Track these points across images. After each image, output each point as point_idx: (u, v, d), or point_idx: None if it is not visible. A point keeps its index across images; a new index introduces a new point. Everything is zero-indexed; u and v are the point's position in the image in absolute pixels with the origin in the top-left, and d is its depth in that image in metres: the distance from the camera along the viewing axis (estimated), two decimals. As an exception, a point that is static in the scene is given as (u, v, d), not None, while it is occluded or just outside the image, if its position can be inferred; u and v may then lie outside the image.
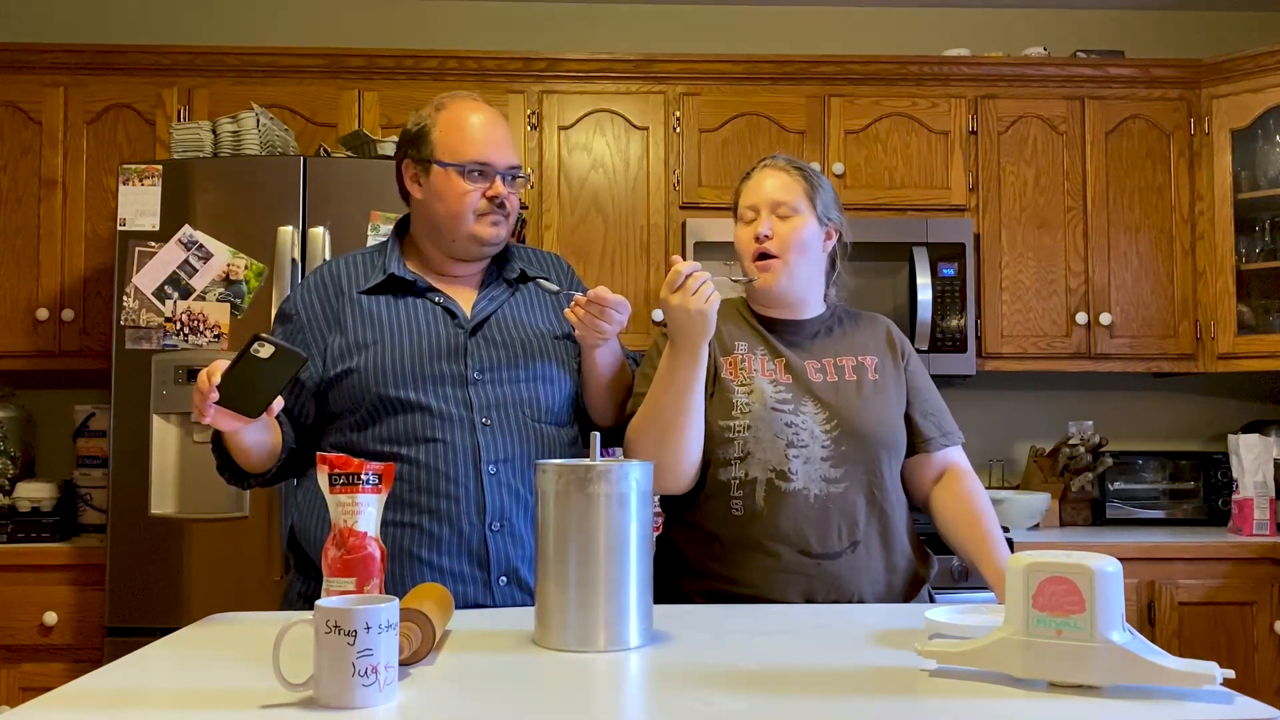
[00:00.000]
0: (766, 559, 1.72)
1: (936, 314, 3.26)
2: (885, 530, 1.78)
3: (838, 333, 1.89)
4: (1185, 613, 3.04)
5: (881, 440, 1.79)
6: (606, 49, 3.60)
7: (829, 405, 1.78)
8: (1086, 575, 1.15)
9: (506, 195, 1.80)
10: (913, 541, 1.84)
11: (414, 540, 1.69)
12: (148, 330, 2.82)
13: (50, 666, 2.88)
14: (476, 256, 1.84)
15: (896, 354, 1.89)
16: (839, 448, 1.75)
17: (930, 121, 3.43)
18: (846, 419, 1.77)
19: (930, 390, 1.90)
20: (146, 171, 2.87)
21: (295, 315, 1.82)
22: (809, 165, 1.90)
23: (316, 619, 1.10)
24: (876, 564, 1.76)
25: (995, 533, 1.77)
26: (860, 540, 1.75)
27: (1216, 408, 3.80)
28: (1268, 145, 3.42)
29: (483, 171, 1.79)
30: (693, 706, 1.11)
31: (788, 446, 1.73)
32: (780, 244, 1.80)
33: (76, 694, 1.16)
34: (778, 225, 1.81)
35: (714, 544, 1.76)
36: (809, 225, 1.82)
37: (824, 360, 1.84)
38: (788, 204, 1.81)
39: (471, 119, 1.81)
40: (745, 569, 1.73)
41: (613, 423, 1.88)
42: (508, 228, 1.83)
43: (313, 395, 1.77)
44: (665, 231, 3.37)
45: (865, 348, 1.87)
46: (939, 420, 1.88)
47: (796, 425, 1.75)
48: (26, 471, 3.37)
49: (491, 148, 1.80)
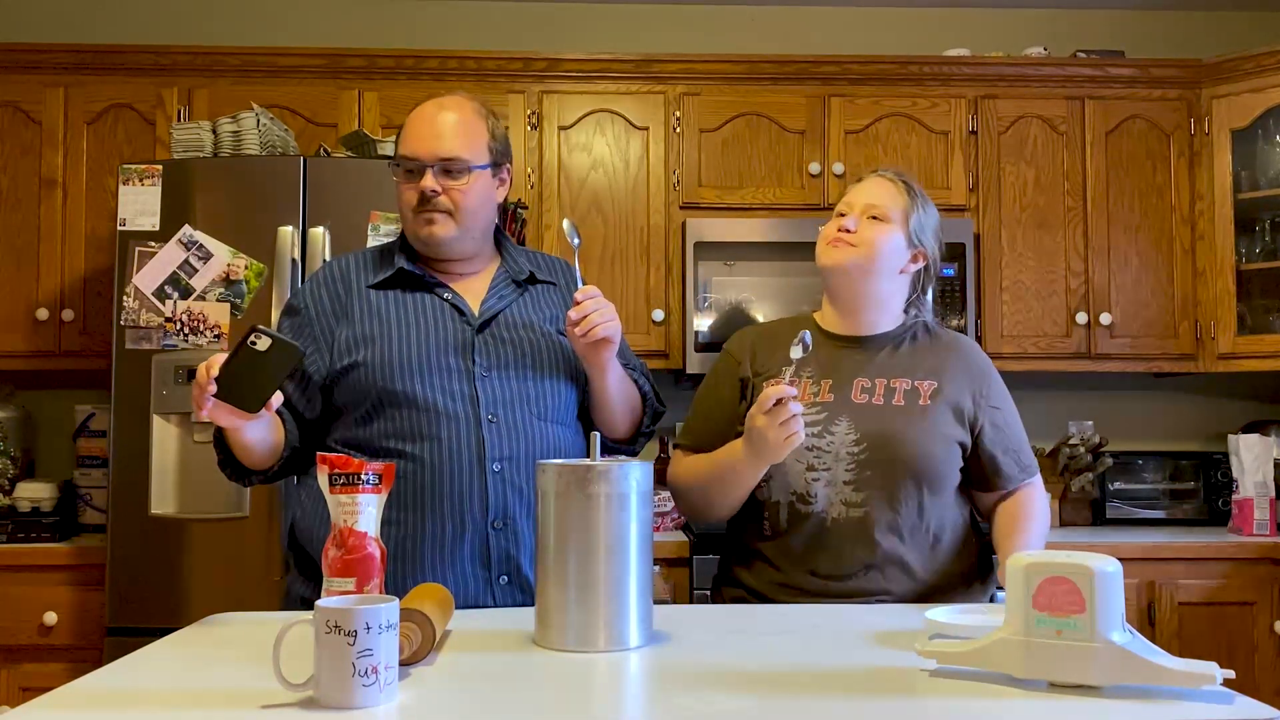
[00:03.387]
0: (776, 574, 1.78)
1: (936, 314, 3.25)
2: (905, 557, 1.74)
3: (905, 352, 1.84)
4: (1185, 613, 3.04)
5: (909, 466, 1.73)
6: (606, 49, 3.60)
7: (862, 427, 1.75)
8: (1086, 575, 1.15)
9: (436, 190, 1.72)
10: (951, 567, 1.78)
11: (416, 538, 1.69)
12: (148, 330, 2.82)
13: (50, 666, 2.88)
14: (439, 256, 1.80)
15: (972, 385, 1.82)
16: (864, 471, 1.73)
17: (930, 121, 3.43)
18: (876, 442, 1.74)
19: (1013, 424, 1.84)
20: (146, 171, 2.87)
21: (303, 309, 1.81)
22: (918, 185, 1.87)
23: (316, 619, 1.10)
24: (895, 588, 1.73)
25: (1026, 538, 1.72)
26: (876, 565, 1.72)
27: (1216, 408, 3.80)
28: (1268, 145, 3.42)
29: (411, 168, 1.75)
30: (693, 706, 1.11)
31: (808, 470, 1.75)
32: (861, 238, 1.79)
33: (76, 694, 1.16)
34: (865, 225, 1.80)
35: (745, 554, 1.84)
36: (894, 236, 1.80)
37: (877, 380, 1.80)
38: (881, 208, 1.80)
39: (417, 115, 1.77)
40: (760, 581, 1.80)
41: (624, 435, 1.88)
42: (455, 227, 1.76)
43: (319, 389, 1.77)
44: (665, 231, 3.37)
45: (929, 371, 1.81)
46: (1019, 455, 1.83)
47: (820, 448, 1.75)
48: (26, 471, 3.37)
49: (419, 141, 1.74)
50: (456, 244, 1.79)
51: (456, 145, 1.74)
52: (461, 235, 1.78)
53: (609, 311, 1.71)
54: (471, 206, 1.76)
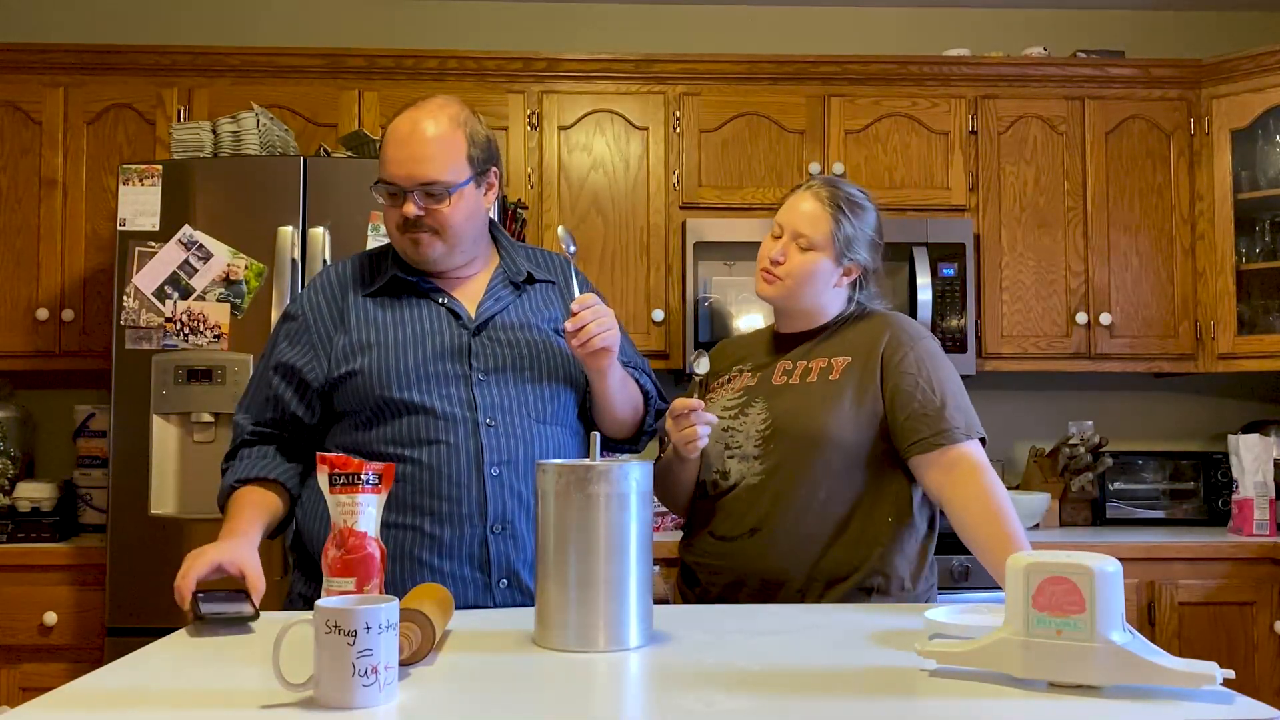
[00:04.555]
0: (688, 537, 1.95)
1: (936, 314, 3.26)
2: (798, 529, 1.79)
3: (834, 336, 1.92)
4: (1185, 613, 3.04)
5: (807, 439, 1.80)
6: (606, 49, 3.60)
7: (771, 407, 1.86)
8: (1086, 575, 1.15)
9: (419, 214, 1.71)
10: (862, 552, 1.79)
11: (415, 543, 1.68)
12: (148, 330, 2.82)
13: (50, 666, 2.88)
14: (430, 270, 1.80)
15: (886, 355, 1.84)
16: (768, 445, 1.83)
17: (930, 121, 3.43)
18: (778, 418, 1.84)
19: (928, 388, 1.79)
20: (146, 171, 2.87)
21: (300, 316, 1.82)
22: (851, 199, 1.89)
23: (316, 619, 1.10)
24: (785, 562, 1.79)
25: (1006, 532, 1.68)
26: (762, 530, 1.80)
27: (1216, 408, 3.80)
28: (1268, 145, 3.42)
29: (392, 192, 1.74)
30: (693, 706, 1.11)
31: (725, 449, 1.88)
32: (787, 270, 1.88)
33: (76, 694, 1.16)
34: (793, 253, 1.88)
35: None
36: (820, 264, 1.87)
37: (799, 364, 1.90)
38: (808, 237, 1.86)
39: (394, 133, 1.74)
40: (683, 547, 1.97)
41: (626, 435, 1.90)
42: (442, 246, 1.75)
43: (318, 395, 1.77)
44: (665, 231, 3.37)
45: (848, 349, 1.88)
46: (932, 419, 1.78)
47: (734, 429, 1.88)
48: (26, 471, 3.36)
49: (398, 165, 1.71)
50: (445, 259, 1.79)
51: (434, 169, 1.71)
52: (450, 251, 1.78)
53: (607, 321, 1.70)
54: (456, 223, 1.75)
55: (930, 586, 1.90)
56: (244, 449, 1.80)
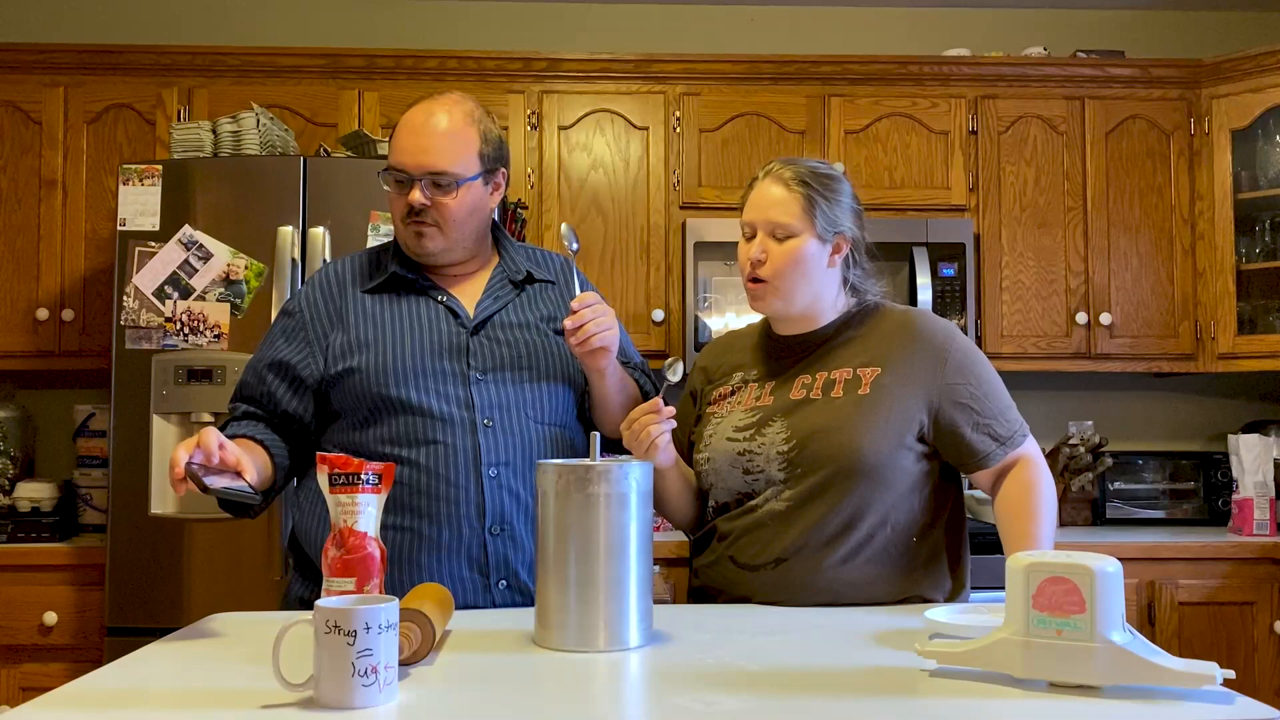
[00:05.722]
0: (707, 557, 1.78)
1: (937, 314, 3.26)
2: (827, 552, 1.66)
3: (849, 339, 1.77)
4: (1185, 613, 3.04)
5: (840, 460, 1.66)
6: (606, 49, 3.60)
7: (793, 425, 1.70)
8: (1086, 575, 1.15)
9: (424, 203, 1.71)
10: (908, 561, 1.71)
11: (413, 544, 1.68)
12: (148, 330, 2.82)
13: (50, 666, 2.88)
14: (431, 264, 1.80)
15: (924, 362, 1.71)
16: (793, 470, 1.68)
17: (930, 121, 3.43)
18: (806, 439, 1.68)
19: (983, 396, 1.70)
20: (146, 171, 2.87)
21: (297, 312, 1.81)
22: (815, 171, 1.74)
23: (316, 619, 1.10)
24: (820, 581, 1.66)
25: (1029, 530, 1.63)
26: (786, 558, 1.67)
27: (1216, 408, 3.80)
28: (1268, 145, 3.42)
29: (400, 179, 1.74)
30: (693, 706, 1.11)
31: (744, 474, 1.72)
32: (772, 269, 1.71)
33: (76, 694, 1.16)
34: (773, 248, 1.71)
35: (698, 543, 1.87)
36: (807, 246, 1.71)
37: (817, 374, 1.74)
38: (783, 225, 1.71)
39: (408, 122, 1.75)
40: (699, 563, 1.82)
41: None
42: (443, 239, 1.75)
43: (312, 393, 1.77)
44: (665, 231, 3.37)
45: (872, 356, 1.73)
46: (992, 427, 1.69)
47: (751, 451, 1.72)
48: (26, 471, 3.36)
49: (408, 153, 1.72)
50: (446, 254, 1.79)
51: (445, 159, 1.71)
52: (451, 246, 1.78)
53: (606, 320, 1.70)
54: (460, 219, 1.75)
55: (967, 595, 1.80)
56: (233, 423, 1.77)
